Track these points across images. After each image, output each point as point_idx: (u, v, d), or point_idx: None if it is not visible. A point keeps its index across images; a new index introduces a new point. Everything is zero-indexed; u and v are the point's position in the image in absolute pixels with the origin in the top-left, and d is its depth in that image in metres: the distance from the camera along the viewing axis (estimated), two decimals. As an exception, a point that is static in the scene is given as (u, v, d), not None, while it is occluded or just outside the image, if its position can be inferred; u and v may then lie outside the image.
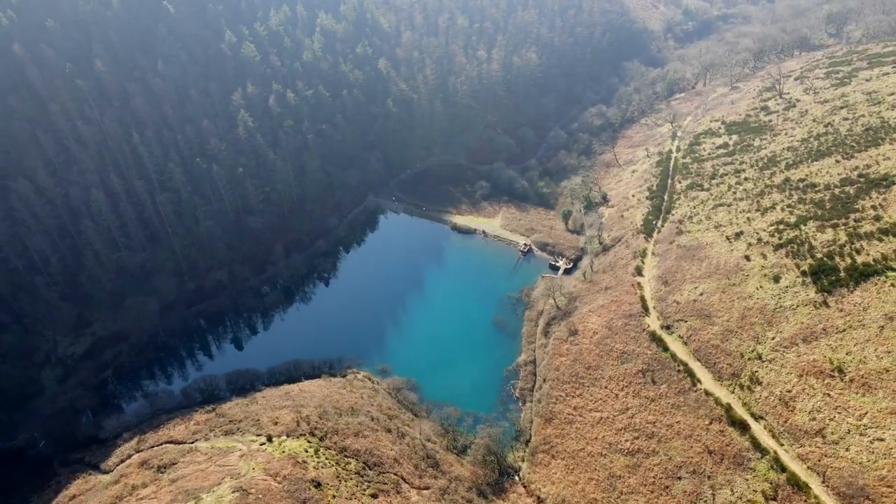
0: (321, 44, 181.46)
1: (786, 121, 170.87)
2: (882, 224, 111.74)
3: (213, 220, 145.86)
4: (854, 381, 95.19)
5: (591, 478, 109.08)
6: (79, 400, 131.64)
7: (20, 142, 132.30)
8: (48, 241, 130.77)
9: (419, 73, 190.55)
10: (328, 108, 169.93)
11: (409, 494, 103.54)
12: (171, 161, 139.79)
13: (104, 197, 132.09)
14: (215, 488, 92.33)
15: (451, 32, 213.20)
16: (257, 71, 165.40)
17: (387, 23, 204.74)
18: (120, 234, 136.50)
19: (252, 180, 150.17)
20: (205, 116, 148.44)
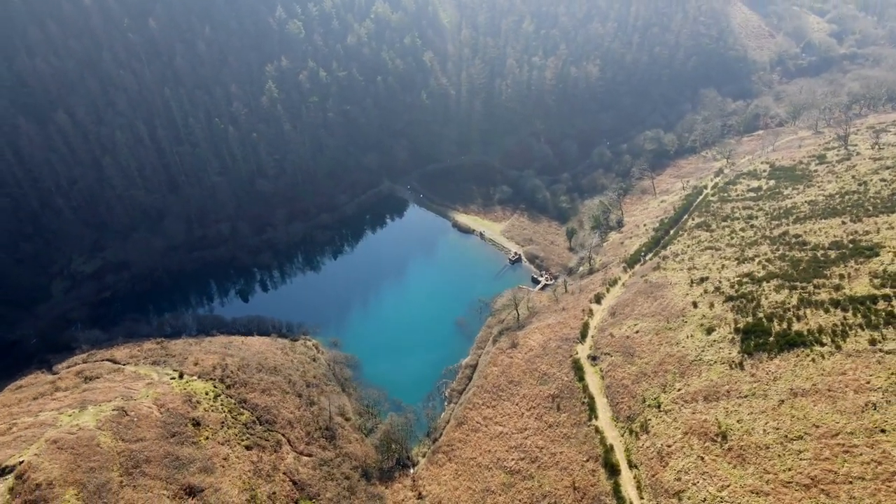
0: (370, 30, 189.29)
1: (829, 173, 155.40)
2: (838, 295, 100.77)
3: (224, 177, 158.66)
4: (732, 450, 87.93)
5: (469, 487, 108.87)
6: (75, 311, 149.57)
7: (69, 80, 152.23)
8: (78, 171, 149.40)
9: (464, 70, 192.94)
10: (359, 92, 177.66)
11: (285, 455, 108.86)
12: (193, 118, 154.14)
13: (130, 139, 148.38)
14: (105, 404, 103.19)
15: (513, 36, 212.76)
16: (299, 48, 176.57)
17: (447, 18, 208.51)
18: (138, 175, 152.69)
19: (267, 147, 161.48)
20: (237, 83, 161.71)
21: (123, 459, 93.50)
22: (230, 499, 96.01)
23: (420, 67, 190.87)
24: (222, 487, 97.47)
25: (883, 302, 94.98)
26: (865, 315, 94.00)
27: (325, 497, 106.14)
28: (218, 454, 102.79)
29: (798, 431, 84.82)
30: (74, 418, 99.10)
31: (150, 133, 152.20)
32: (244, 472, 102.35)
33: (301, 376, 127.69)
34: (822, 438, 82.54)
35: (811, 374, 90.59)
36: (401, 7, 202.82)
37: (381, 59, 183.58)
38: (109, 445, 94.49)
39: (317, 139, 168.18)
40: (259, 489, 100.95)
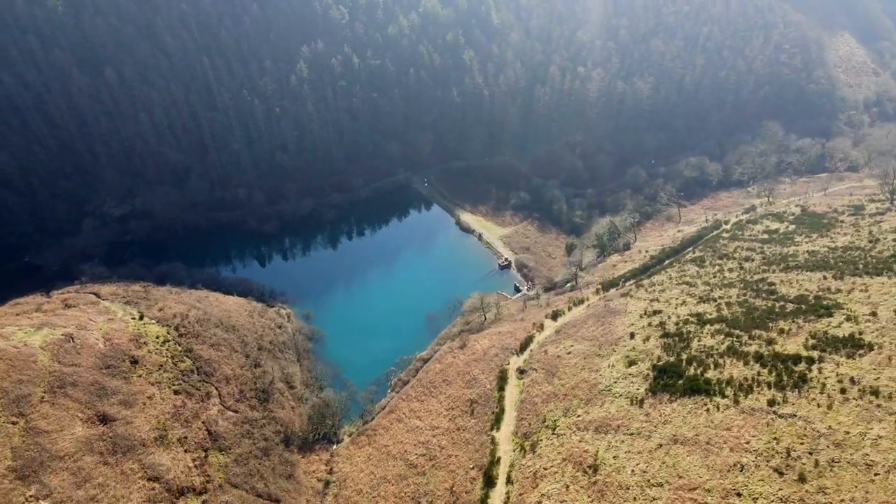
0: (413, 23, 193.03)
1: (852, 225, 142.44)
2: (767, 349, 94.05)
3: (247, 146, 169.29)
4: (596, 484, 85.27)
5: (372, 472, 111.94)
6: (97, 248, 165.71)
7: (124, 40, 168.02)
8: (119, 123, 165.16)
9: (503, 72, 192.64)
10: (389, 81, 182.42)
11: (210, 407, 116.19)
12: (226, 87, 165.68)
13: (167, 100, 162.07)
14: (59, 328, 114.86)
15: (564, 43, 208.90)
16: (339, 33, 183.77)
17: (499, 19, 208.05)
18: (170, 133, 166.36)
19: (289, 123, 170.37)
20: (272, 59, 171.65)
21: (52, 379, 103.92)
22: (138, 432, 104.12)
23: (457, 65, 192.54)
24: (135, 422, 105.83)
25: (804, 364, 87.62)
26: (779, 374, 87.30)
27: (236, 452, 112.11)
28: (144, 392, 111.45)
29: (661, 478, 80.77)
30: (28, 336, 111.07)
31: (186, 97, 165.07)
32: (163, 412, 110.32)
33: (257, 339, 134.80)
34: (679, 490, 78.26)
35: (698, 424, 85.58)
36: (453, 4, 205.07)
37: (418, 52, 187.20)
38: (44, 364, 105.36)
39: (339, 122, 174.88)
40: (171, 431, 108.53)
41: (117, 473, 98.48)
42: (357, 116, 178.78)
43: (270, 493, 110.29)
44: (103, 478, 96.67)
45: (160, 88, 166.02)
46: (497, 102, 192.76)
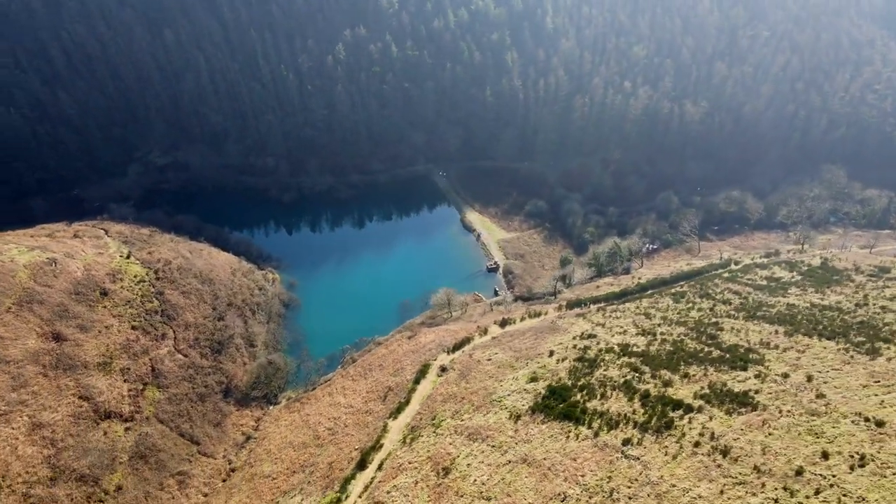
0: (461, 19, 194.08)
1: (858, 286, 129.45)
2: (658, 390, 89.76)
3: (280, 118, 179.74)
4: (441, 486, 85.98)
5: (286, 437, 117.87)
6: (134, 191, 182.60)
7: (185, 7, 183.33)
8: (172, 82, 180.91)
9: (542, 78, 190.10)
10: (424, 73, 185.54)
11: (161, 347, 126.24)
12: (268, 61, 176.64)
13: (214, 66, 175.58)
14: (50, 253, 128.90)
15: (616, 56, 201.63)
16: (385, 21, 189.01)
17: (553, 25, 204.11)
18: (214, 97, 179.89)
19: (320, 102, 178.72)
20: (315, 39, 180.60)
21: (23, 294, 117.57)
22: (83, 354, 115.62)
23: (498, 65, 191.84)
24: (85, 346, 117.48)
25: (681, 411, 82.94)
26: (650, 416, 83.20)
27: (172, 391, 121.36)
28: (103, 321, 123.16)
29: (493, 493, 80.00)
30: (19, 255, 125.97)
31: (232, 65, 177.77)
32: (115, 343, 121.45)
33: (230, 295, 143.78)
34: None
35: (552, 449, 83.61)
36: (508, 4, 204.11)
37: (459, 48, 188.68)
38: (21, 280, 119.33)
39: (368, 106, 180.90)
40: (117, 360, 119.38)
41: (52, 386, 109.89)
42: (387, 103, 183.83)
43: (193, 435, 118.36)
44: (38, 387, 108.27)
45: (210, 55, 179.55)
46: (532, 107, 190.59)
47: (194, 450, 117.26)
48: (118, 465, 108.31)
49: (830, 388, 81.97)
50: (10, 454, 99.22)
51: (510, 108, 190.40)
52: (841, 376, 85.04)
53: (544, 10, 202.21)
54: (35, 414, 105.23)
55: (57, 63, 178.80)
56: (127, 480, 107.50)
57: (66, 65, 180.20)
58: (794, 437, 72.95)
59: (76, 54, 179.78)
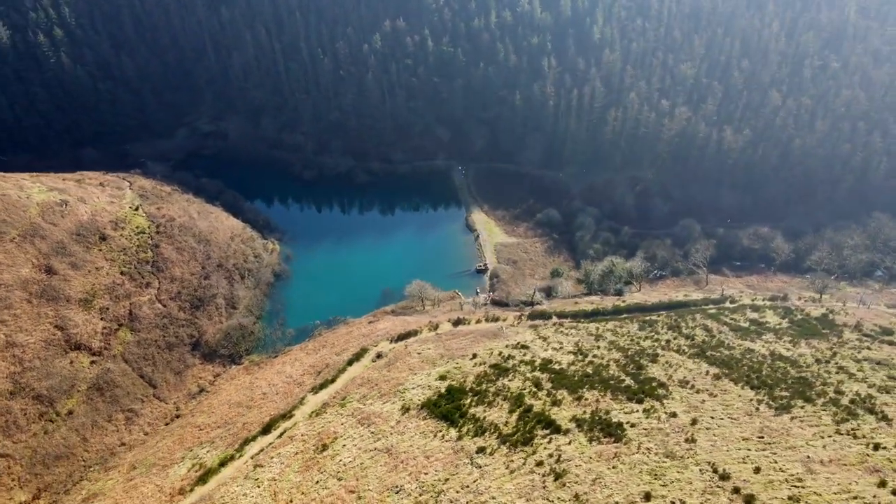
0: (505, 20, 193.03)
1: (839, 343, 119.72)
2: (544, 407, 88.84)
3: (313, 99, 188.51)
4: (312, 460, 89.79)
5: (232, 398, 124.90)
6: (177, 153, 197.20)
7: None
8: (223, 55, 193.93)
9: (577, 87, 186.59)
10: (456, 70, 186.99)
11: (143, 294, 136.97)
12: (307, 44, 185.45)
13: (257, 45, 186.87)
14: (66, 197, 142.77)
15: (661, 73, 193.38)
16: (427, 16, 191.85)
17: (599, 34, 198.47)
18: (256, 73, 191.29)
19: (351, 87, 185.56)
20: (356, 27, 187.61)
21: (29, 227, 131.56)
22: (68, 289, 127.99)
23: (533, 69, 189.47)
24: (72, 281, 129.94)
25: (547, 430, 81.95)
26: (516, 430, 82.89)
27: (143, 336, 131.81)
28: (95, 263, 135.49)
29: (346, 475, 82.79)
30: (38, 194, 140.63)
31: (274, 45, 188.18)
32: (100, 283, 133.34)
33: (223, 258, 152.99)
34: (344, 489, 79.91)
35: (416, 444, 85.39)
36: (556, 10, 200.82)
37: (495, 49, 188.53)
38: (31, 215, 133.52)
39: (396, 97, 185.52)
40: (98, 299, 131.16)
41: (33, 312, 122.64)
42: (414, 96, 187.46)
43: (152, 379, 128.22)
44: (21, 311, 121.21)
45: (258, 33, 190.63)
46: (563, 116, 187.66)
47: (150, 392, 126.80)
48: (75, 393, 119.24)
49: (707, 435, 77.83)
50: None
51: (539, 114, 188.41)
52: (729, 426, 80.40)
53: (594, 19, 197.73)
54: (11, 334, 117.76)
55: (126, 28, 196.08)
56: (80, 407, 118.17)
57: (134, 31, 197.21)
58: (633, 473, 70.36)
59: (145, 22, 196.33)
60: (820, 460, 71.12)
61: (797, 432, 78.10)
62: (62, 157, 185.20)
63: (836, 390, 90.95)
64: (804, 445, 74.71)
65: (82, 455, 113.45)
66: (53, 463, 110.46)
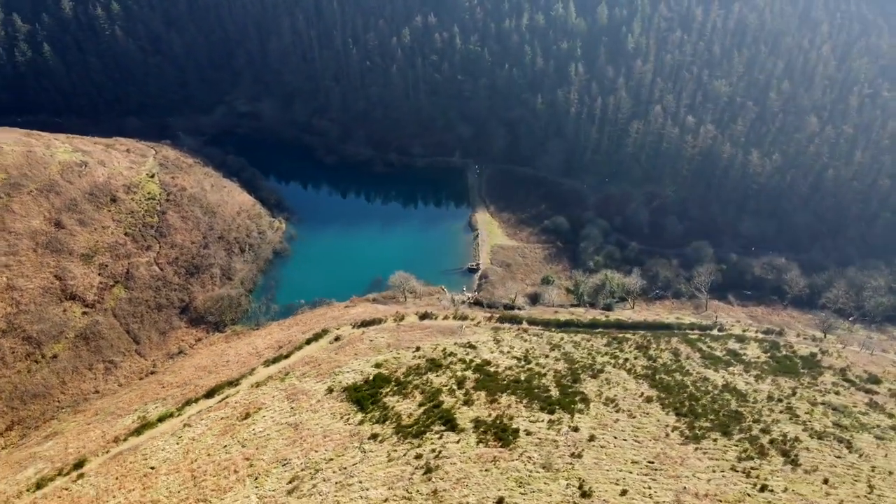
0: (537, 23, 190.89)
1: (810, 385, 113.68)
2: (451, 405, 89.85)
3: (341, 87, 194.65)
4: (229, 428, 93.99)
5: (201, 360, 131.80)
6: (210, 128, 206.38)
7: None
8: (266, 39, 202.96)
9: (601, 96, 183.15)
10: (482, 69, 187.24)
11: (143, 256, 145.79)
12: (341, 33, 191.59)
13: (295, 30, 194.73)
14: (89, 159, 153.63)
15: (696, 89, 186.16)
16: (458, 13, 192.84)
17: (633, 44, 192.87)
18: (292, 58, 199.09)
19: (376, 78, 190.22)
20: (387, 19, 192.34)
21: (47, 183, 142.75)
22: (72, 243, 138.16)
23: (559, 75, 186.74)
24: (77, 236, 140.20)
25: (444, 427, 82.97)
26: (416, 423, 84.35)
27: (135, 294, 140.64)
28: (102, 222, 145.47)
29: (251, 443, 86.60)
30: (63, 153, 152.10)
31: (311, 32, 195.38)
32: (103, 241, 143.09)
33: (226, 231, 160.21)
34: (226, 461, 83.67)
35: (321, 423, 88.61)
36: (592, 15, 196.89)
37: (523, 51, 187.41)
38: (51, 172, 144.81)
39: (419, 91, 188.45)
40: (99, 255, 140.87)
41: (36, 260, 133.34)
42: (437, 92, 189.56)
43: (136, 336, 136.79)
44: (25, 258, 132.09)
45: (296, 20, 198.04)
46: (584, 124, 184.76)
47: (133, 348, 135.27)
48: (63, 339, 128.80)
49: (596, 453, 76.70)
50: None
51: (562, 120, 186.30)
52: (626, 448, 78.84)
53: (630, 28, 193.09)
54: (13, 278, 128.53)
55: (180, 6, 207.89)
56: (64, 353, 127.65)
57: (188, 9, 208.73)
58: (500, 479, 70.56)
59: (196, 1, 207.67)
60: (695, 493, 68.83)
61: (692, 463, 75.66)
62: (109, 123, 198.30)
63: (763, 429, 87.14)
64: (689, 476, 72.33)
65: (58, 397, 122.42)
66: (31, 400, 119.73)
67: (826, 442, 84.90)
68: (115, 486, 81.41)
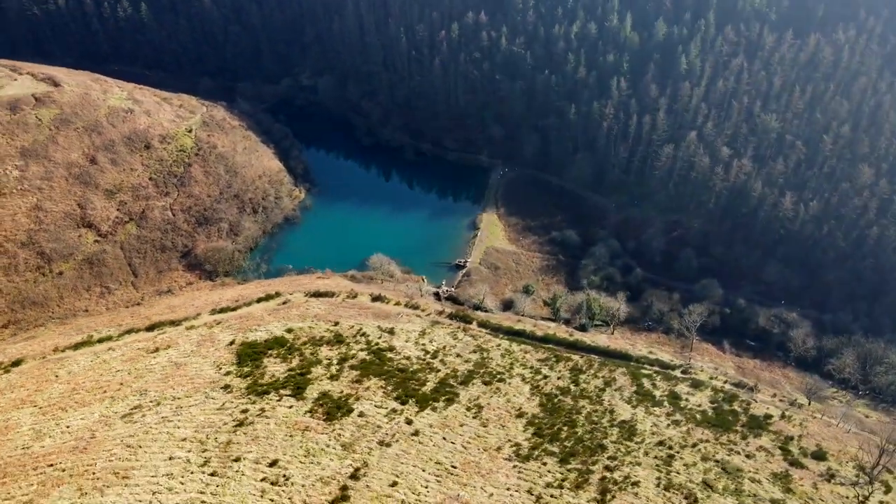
0: (589, 32, 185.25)
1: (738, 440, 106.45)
2: (298, 368, 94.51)
3: (388, 73, 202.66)
4: (139, 355, 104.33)
5: (180, 299, 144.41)
6: (272, 97, 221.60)
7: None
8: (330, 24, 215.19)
9: (635, 114, 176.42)
10: (522, 72, 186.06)
11: (159, 200, 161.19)
12: (394, 21, 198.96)
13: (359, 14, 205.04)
14: (133, 106, 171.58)
15: (743, 119, 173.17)
16: (513, 15, 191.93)
17: (686, 65, 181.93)
18: (353, 40, 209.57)
19: (419, 69, 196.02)
20: (442, 12, 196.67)
21: (93, 123, 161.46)
22: (100, 178, 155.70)
23: (600, 86, 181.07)
24: (106, 173, 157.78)
25: (288, 393, 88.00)
26: (267, 385, 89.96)
27: (145, 233, 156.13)
28: (130, 164, 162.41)
29: (137, 371, 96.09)
30: (115, 100, 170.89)
31: (369, 17, 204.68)
32: (129, 182, 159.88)
33: (243, 191, 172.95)
34: (105, 382, 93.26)
35: (195, 364, 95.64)
36: (649, 30, 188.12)
37: (566, 59, 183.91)
38: (99, 114, 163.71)
39: (456, 87, 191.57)
40: (121, 193, 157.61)
41: (66, 188, 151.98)
42: (475, 89, 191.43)
43: (136, 269, 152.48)
44: (57, 184, 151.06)
45: (358, 4, 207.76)
46: (616, 141, 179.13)
47: (129, 280, 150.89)
48: (71, 260, 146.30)
49: (407, 447, 79.04)
50: (11, 218, 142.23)
51: (593, 133, 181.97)
52: (441, 449, 79.73)
53: (686, 48, 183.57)
54: (42, 200, 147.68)
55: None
56: (70, 272, 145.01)
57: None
58: (290, 444, 74.51)
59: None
60: (466, 502, 68.89)
61: (496, 478, 76.04)
62: (186, 80, 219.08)
63: (609, 466, 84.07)
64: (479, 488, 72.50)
65: (53, 308, 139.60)
66: (30, 306, 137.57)
67: (669, 494, 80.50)
68: (19, 383, 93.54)
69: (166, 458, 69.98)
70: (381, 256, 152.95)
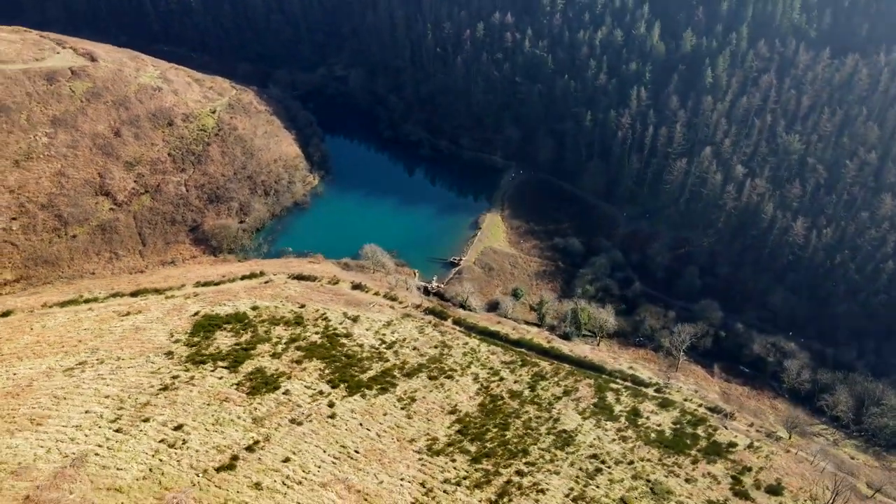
0: (615, 39, 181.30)
1: (684, 462, 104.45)
2: (243, 347, 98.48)
3: (413, 68, 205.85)
4: (113, 317, 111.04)
5: (171, 272, 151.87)
6: (304, 85, 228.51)
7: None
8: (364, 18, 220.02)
9: (652, 125, 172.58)
10: (542, 75, 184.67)
11: (175, 175, 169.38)
12: (422, 18, 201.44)
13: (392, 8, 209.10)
14: (163, 85, 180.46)
15: (761, 139, 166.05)
16: (539, 17, 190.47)
17: (711, 78, 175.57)
18: (382, 34, 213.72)
19: (442, 66, 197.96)
20: (471, 14, 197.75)
21: (122, 98, 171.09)
22: (122, 150, 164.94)
23: (619, 95, 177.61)
24: (127, 147, 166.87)
25: (224, 364, 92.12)
26: (210, 356, 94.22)
27: (158, 206, 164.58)
28: (153, 140, 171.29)
29: (99, 332, 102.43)
30: (147, 78, 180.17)
31: (399, 12, 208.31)
32: (148, 156, 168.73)
33: (256, 173, 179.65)
34: (69, 339, 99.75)
35: (153, 330, 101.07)
36: (676, 40, 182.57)
37: (588, 64, 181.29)
38: (128, 91, 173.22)
39: (475, 86, 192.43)
40: (140, 166, 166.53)
41: (89, 157, 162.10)
42: (493, 90, 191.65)
43: (145, 239, 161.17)
44: (80, 153, 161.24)
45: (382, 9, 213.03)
46: (630, 151, 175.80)
47: (138, 248, 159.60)
48: (86, 225, 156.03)
49: (317, 427, 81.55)
50: (35, 181, 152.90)
51: (607, 141, 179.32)
52: (351, 434, 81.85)
53: (714, 62, 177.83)
54: (66, 167, 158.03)
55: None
56: (83, 236, 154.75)
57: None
58: (203, 412, 78.48)
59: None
60: (350, 486, 70.90)
61: (395, 467, 77.87)
62: (227, 64, 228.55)
63: (520, 470, 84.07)
64: (360, 472, 74.11)
65: (63, 268, 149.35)
66: (42, 265, 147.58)
67: None
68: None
69: (83, 412, 74.96)
70: (374, 247, 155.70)
